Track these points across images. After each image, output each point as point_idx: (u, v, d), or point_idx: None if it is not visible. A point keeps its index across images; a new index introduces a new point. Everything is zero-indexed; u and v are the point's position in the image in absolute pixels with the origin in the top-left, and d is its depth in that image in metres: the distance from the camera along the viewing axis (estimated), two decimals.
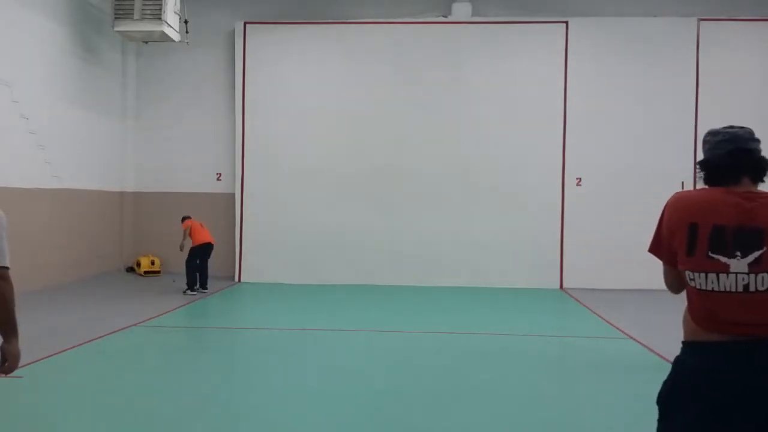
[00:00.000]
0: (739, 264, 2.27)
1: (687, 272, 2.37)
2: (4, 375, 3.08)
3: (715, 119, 12.83)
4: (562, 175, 12.90)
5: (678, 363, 2.45)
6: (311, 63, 13.31)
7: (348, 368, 6.61)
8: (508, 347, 7.67)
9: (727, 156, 2.43)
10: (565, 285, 12.80)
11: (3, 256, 2.93)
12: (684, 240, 2.37)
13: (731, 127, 2.55)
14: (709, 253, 2.31)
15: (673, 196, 2.51)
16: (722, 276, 2.29)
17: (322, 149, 13.21)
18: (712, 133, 2.54)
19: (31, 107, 10.78)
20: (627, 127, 12.78)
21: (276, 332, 8.59)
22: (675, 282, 2.54)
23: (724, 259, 2.29)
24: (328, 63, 13.32)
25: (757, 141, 2.49)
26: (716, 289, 2.30)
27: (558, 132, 12.88)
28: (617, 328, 8.71)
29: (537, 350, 7.61)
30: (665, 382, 2.47)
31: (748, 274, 2.26)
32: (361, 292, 11.90)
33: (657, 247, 2.55)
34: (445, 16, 13.21)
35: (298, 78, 13.31)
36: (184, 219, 11.66)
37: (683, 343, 2.47)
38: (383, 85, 13.15)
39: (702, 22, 12.71)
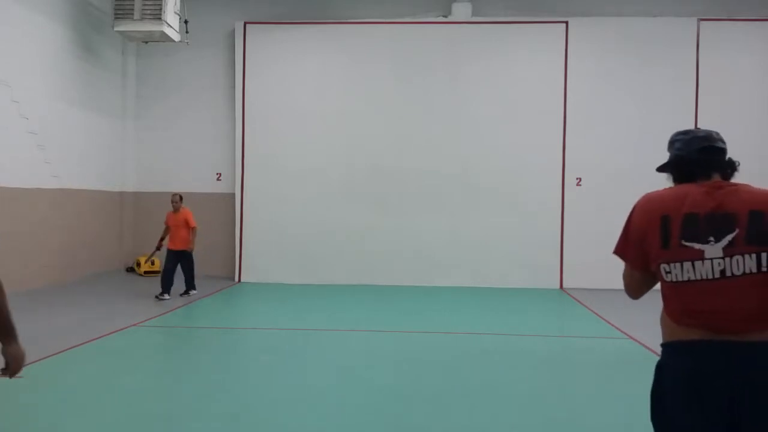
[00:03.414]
0: (713, 249, 2.27)
1: (662, 266, 2.34)
2: (9, 377, 3.06)
3: (715, 119, 12.84)
4: (562, 175, 12.90)
5: (660, 367, 2.42)
6: (311, 63, 13.31)
7: (348, 368, 6.61)
8: (508, 347, 7.68)
9: (700, 152, 2.46)
10: (565, 285, 12.80)
11: None
12: (657, 233, 2.35)
13: (699, 129, 2.59)
14: (683, 242, 2.30)
15: (643, 197, 2.50)
16: (698, 263, 2.28)
17: (322, 149, 13.21)
18: (683, 132, 2.57)
19: (31, 107, 10.78)
20: (627, 127, 12.78)
21: (276, 332, 8.59)
22: (636, 284, 2.53)
23: (698, 246, 2.28)
24: (328, 63, 13.33)
25: (725, 143, 2.53)
26: (693, 278, 2.28)
27: (558, 132, 12.89)
28: (617, 328, 8.71)
29: (537, 350, 7.60)
30: (653, 389, 2.44)
31: (723, 258, 2.26)
32: (361, 292, 11.90)
33: (624, 248, 2.51)
34: (445, 16, 13.21)
35: (298, 78, 13.31)
36: (175, 207, 10.62)
37: (663, 345, 2.44)
38: (383, 85, 13.15)
39: (702, 22, 12.72)
